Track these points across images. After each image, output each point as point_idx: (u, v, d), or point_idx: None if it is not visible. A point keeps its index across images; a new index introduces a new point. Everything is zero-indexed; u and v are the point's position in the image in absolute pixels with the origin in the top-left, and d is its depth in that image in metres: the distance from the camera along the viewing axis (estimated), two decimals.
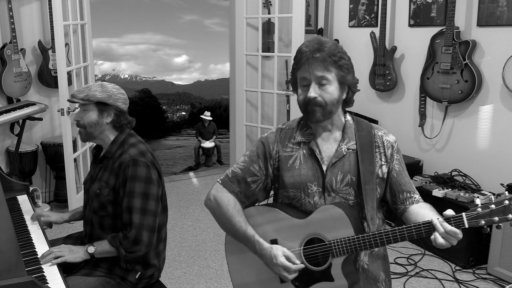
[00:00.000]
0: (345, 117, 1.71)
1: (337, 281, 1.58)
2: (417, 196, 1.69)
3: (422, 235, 1.49)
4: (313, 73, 1.58)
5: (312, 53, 1.58)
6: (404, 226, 1.51)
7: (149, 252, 2.02)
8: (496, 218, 1.42)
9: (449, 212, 1.47)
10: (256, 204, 1.78)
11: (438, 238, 1.44)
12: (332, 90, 1.59)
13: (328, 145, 1.68)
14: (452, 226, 1.44)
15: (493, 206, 1.43)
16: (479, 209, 1.44)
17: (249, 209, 1.73)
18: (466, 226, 1.44)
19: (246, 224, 1.67)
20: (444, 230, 1.44)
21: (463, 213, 1.45)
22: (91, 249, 1.92)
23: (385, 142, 1.69)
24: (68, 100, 2.09)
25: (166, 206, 2.12)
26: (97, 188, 2.00)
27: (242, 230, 1.67)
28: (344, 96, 1.65)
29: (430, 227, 1.47)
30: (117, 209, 1.98)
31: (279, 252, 1.60)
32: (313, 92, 1.59)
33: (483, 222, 1.43)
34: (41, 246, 1.96)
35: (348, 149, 1.66)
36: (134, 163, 1.93)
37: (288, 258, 1.60)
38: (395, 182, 1.68)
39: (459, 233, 1.44)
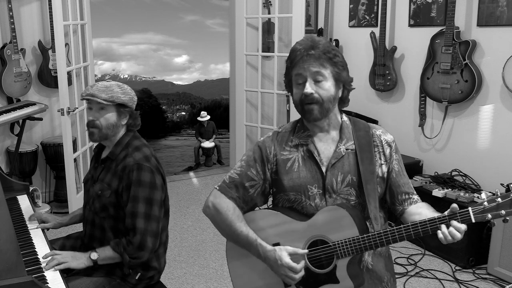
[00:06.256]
0: (341, 117, 1.70)
1: (342, 283, 1.57)
2: (415, 196, 1.69)
3: (428, 232, 1.48)
4: (309, 69, 1.58)
5: (306, 51, 1.58)
6: (409, 224, 1.50)
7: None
8: (503, 212, 1.41)
9: (455, 205, 1.46)
10: (256, 209, 1.76)
11: (446, 235, 1.44)
12: (329, 87, 1.59)
13: (326, 146, 1.67)
14: (459, 222, 1.44)
15: (499, 199, 1.42)
16: (485, 203, 1.43)
17: (250, 214, 1.71)
18: (473, 221, 1.43)
19: (247, 229, 1.65)
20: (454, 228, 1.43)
21: (470, 208, 1.44)
22: (94, 256, 1.91)
23: (383, 141, 1.68)
24: (86, 98, 1.95)
25: (168, 209, 2.11)
26: (98, 189, 1.99)
27: (243, 235, 1.65)
28: (339, 95, 1.65)
29: (435, 223, 1.46)
30: (118, 211, 1.97)
31: (284, 253, 1.58)
32: (310, 88, 1.58)
33: (489, 216, 1.42)
34: (41, 246, 1.96)
35: (347, 149, 1.65)
36: (138, 167, 1.92)
37: (292, 255, 1.58)
38: (394, 183, 1.68)
39: (464, 228, 1.44)
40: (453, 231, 1.44)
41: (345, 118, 1.71)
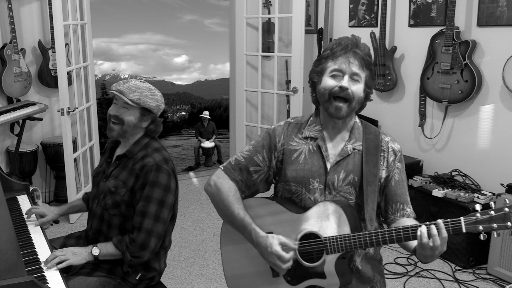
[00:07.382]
0: (354, 119, 1.73)
1: (329, 279, 1.58)
2: (409, 210, 1.69)
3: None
4: (350, 67, 1.60)
5: (353, 47, 1.61)
6: (401, 226, 1.50)
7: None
8: (495, 225, 1.41)
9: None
10: (256, 196, 1.78)
11: (436, 240, 1.43)
12: (360, 88, 1.62)
13: (335, 144, 1.69)
14: (449, 229, 1.44)
15: (492, 212, 1.42)
16: (478, 215, 1.42)
17: (249, 200, 1.73)
18: (464, 230, 1.43)
19: (244, 212, 1.67)
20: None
21: (462, 218, 1.44)
22: (95, 251, 1.91)
23: (389, 148, 1.70)
24: (114, 93, 1.95)
25: (176, 214, 2.11)
26: (112, 186, 1.99)
27: (240, 218, 1.67)
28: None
29: (429, 228, 1.45)
30: (130, 210, 1.98)
31: (275, 241, 1.59)
32: (346, 82, 1.59)
33: (481, 228, 1.42)
34: (41, 246, 1.95)
35: (354, 149, 1.67)
36: (157, 168, 1.94)
37: (283, 245, 1.59)
38: (392, 191, 1.68)
39: (445, 236, 1.44)
40: (433, 232, 1.43)
41: (357, 120, 1.74)
